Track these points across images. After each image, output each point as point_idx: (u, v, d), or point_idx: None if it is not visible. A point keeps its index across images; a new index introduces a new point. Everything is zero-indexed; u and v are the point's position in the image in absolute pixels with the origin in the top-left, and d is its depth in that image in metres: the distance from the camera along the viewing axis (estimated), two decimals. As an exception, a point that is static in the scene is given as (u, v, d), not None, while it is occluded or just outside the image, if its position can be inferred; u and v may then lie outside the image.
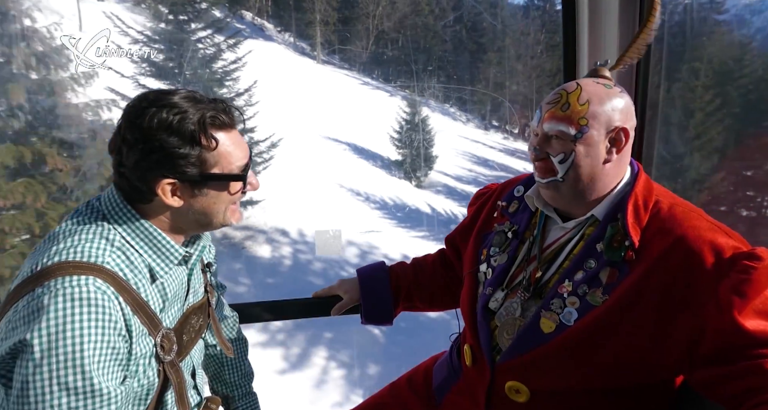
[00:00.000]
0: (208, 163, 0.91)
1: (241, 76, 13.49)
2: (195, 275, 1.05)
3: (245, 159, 0.96)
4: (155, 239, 0.91)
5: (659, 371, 0.96)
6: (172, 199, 0.90)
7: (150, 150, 0.86)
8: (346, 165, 19.69)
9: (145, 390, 0.90)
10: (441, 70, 31.65)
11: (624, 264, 0.95)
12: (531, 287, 1.05)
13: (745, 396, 0.83)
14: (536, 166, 1.04)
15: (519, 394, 1.03)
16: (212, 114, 0.90)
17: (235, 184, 0.95)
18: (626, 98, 1.02)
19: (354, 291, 1.44)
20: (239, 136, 0.97)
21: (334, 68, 32.22)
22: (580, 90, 0.99)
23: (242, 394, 1.30)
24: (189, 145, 0.88)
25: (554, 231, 1.10)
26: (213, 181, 0.92)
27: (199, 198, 0.93)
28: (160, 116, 0.86)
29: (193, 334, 1.03)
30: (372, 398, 1.40)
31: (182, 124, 0.87)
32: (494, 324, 1.08)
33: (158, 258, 0.92)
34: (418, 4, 32.74)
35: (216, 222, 0.97)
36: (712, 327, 0.86)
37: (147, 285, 0.89)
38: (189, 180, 0.90)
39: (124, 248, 0.88)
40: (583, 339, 0.95)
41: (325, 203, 16.51)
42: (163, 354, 0.90)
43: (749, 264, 0.85)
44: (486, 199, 1.31)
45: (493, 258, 1.15)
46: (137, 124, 0.86)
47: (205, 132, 0.89)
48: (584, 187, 1.01)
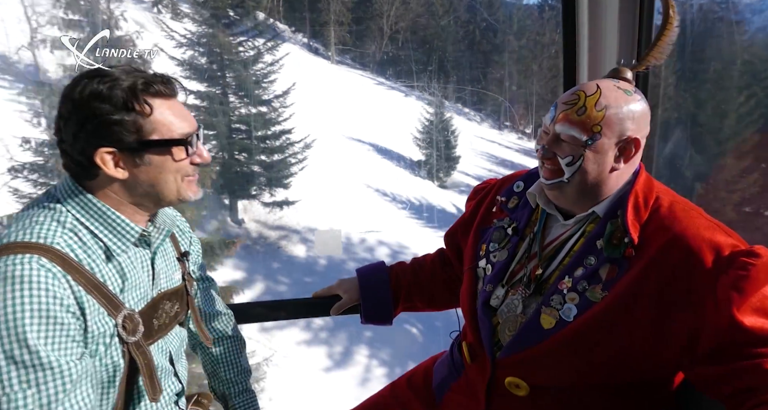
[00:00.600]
0: (144, 130, 0.90)
1: (278, 78, 13.68)
2: (162, 259, 1.05)
3: (189, 128, 0.95)
4: (108, 218, 0.91)
5: (658, 367, 0.97)
6: (116, 171, 0.90)
7: (84, 119, 0.86)
8: (370, 165, 19.89)
9: (111, 371, 0.91)
10: (454, 70, 31.79)
11: (623, 261, 0.95)
12: (531, 284, 1.06)
13: (745, 395, 0.84)
14: (543, 167, 1.04)
15: (519, 389, 1.04)
16: (145, 81, 0.90)
17: (179, 152, 0.93)
18: (644, 106, 1.00)
19: (353, 291, 1.44)
20: (181, 106, 0.96)
21: (349, 68, 32.38)
22: (599, 94, 0.98)
23: (239, 391, 1.29)
24: (122, 111, 0.87)
25: (555, 227, 1.10)
26: (152, 147, 0.91)
27: (143, 167, 0.92)
28: (91, 86, 0.87)
29: (167, 320, 1.03)
30: (372, 398, 1.40)
31: (112, 91, 0.87)
32: (496, 321, 1.09)
33: (114, 236, 0.92)
34: (431, 4, 32.88)
35: (169, 194, 0.95)
36: (711, 324, 0.87)
37: (102, 264, 0.90)
38: (127, 148, 0.89)
39: (77, 229, 0.89)
40: (582, 336, 0.95)
41: (354, 203, 16.70)
42: (126, 335, 0.90)
43: (747, 262, 0.85)
44: (485, 194, 1.30)
45: (493, 254, 1.15)
46: (70, 97, 0.87)
47: (137, 97, 0.88)
48: (589, 189, 1.01)
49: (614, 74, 1.06)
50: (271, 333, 11.34)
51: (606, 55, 1.50)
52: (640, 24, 1.44)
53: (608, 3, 1.43)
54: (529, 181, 1.18)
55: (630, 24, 1.43)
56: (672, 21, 1.07)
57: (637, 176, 1.03)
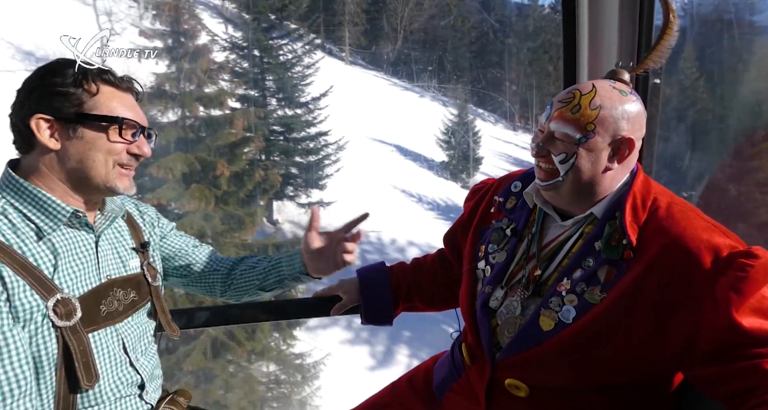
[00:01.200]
0: (85, 106, 0.94)
1: (314, 80, 13.85)
2: (109, 245, 1.06)
3: (132, 117, 0.98)
4: (38, 199, 0.94)
5: (657, 368, 0.97)
6: (49, 140, 0.93)
7: (32, 88, 0.93)
8: (395, 166, 20.04)
9: (42, 354, 0.91)
10: (467, 71, 31.94)
11: (622, 263, 0.95)
12: (530, 285, 1.06)
13: (745, 396, 0.84)
14: (538, 168, 1.05)
15: (518, 390, 1.05)
16: (101, 69, 0.95)
17: (113, 132, 0.96)
18: (639, 107, 1.01)
19: (354, 292, 1.42)
20: (133, 102, 1.01)
21: (363, 69, 32.51)
22: (594, 93, 0.99)
23: (285, 256, 1.30)
24: (70, 86, 0.92)
25: (553, 229, 1.10)
26: (88, 121, 0.94)
27: (75, 141, 0.94)
28: (53, 65, 0.95)
29: (120, 307, 1.03)
30: (372, 398, 1.39)
31: (66, 69, 0.93)
32: (495, 322, 1.09)
33: (45, 217, 0.94)
34: (445, 5, 33.02)
35: (96, 176, 0.97)
36: (709, 325, 0.87)
37: (33, 245, 0.92)
38: (64, 118, 0.93)
39: (7, 213, 0.92)
40: (581, 337, 0.95)
41: (382, 204, 16.85)
42: (57, 319, 0.90)
43: (746, 263, 0.85)
44: (483, 195, 1.30)
45: (491, 256, 1.15)
46: (31, 74, 0.95)
47: (86, 78, 0.93)
48: (583, 189, 1.01)
49: (611, 76, 1.07)
50: (315, 333, 11.51)
51: (606, 57, 1.50)
52: (640, 25, 1.44)
53: (608, 4, 1.44)
54: (527, 181, 1.18)
55: (630, 25, 1.43)
56: (672, 26, 1.07)
57: (635, 177, 1.03)
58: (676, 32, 1.07)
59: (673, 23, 1.07)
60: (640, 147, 1.03)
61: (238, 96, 12.78)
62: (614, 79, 1.05)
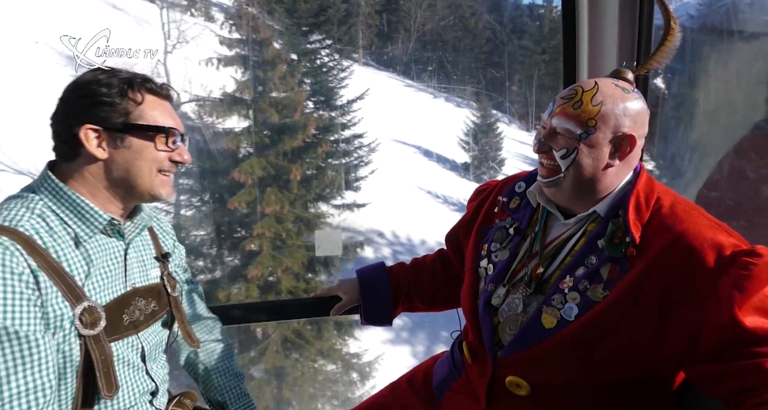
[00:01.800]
0: (132, 115, 0.95)
1: (350, 83, 14.01)
2: (136, 253, 1.07)
3: (174, 126, 1.01)
4: (77, 205, 0.94)
5: (659, 366, 0.97)
6: (97, 150, 0.94)
7: (78, 98, 0.94)
8: (418, 167, 20.10)
9: (65, 361, 0.90)
10: (481, 71, 32.03)
11: (625, 261, 0.95)
12: (532, 283, 1.06)
13: (746, 394, 0.84)
14: (541, 165, 1.06)
15: (519, 388, 1.04)
16: (144, 78, 0.98)
17: (160, 141, 0.98)
18: (641, 105, 1.01)
19: (353, 292, 1.44)
20: (171, 109, 1.03)
21: (376, 70, 32.60)
22: (596, 89, 0.99)
23: (235, 397, 1.26)
24: (116, 95, 0.94)
25: (556, 227, 1.10)
26: (136, 130, 0.95)
27: (122, 150, 0.95)
28: (95, 74, 0.96)
29: (142, 317, 1.03)
30: (372, 398, 1.40)
31: (111, 79, 0.95)
32: (497, 320, 1.09)
33: (82, 223, 0.94)
34: (458, 6, 33.11)
35: (142, 184, 0.98)
36: (712, 324, 0.87)
37: (69, 250, 0.92)
38: (113, 128, 0.94)
39: (45, 216, 0.91)
40: (583, 335, 0.95)
41: (409, 205, 16.99)
42: (82, 327, 0.90)
43: (749, 261, 0.85)
44: (486, 195, 1.30)
45: (494, 254, 1.15)
46: (74, 81, 0.96)
47: (132, 87, 0.96)
48: (584, 185, 1.01)
49: (615, 74, 1.07)
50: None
51: (606, 58, 1.50)
52: (639, 26, 1.44)
53: (608, 5, 1.45)
54: (531, 182, 1.18)
55: (629, 26, 1.44)
56: (674, 28, 1.07)
57: (638, 176, 1.03)
58: (678, 33, 1.07)
59: (674, 29, 1.07)
60: (642, 145, 1.03)
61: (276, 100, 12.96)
62: (618, 77, 1.06)
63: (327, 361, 8.72)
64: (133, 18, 20.45)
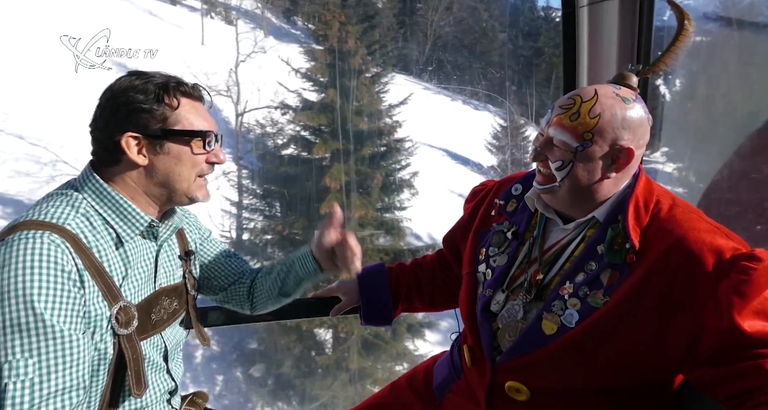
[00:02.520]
0: (169, 121, 0.96)
1: (391, 88, 14.20)
2: (166, 254, 1.08)
3: (209, 128, 1.01)
4: (120, 206, 0.95)
5: (659, 371, 0.97)
6: (138, 156, 0.95)
7: (118, 106, 0.94)
8: (448, 171, 20.31)
9: (99, 360, 0.92)
10: (497, 72, 32.16)
11: (624, 266, 0.95)
12: (532, 289, 1.05)
13: (745, 396, 0.85)
14: (537, 172, 1.05)
15: (519, 393, 1.04)
16: (177, 81, 0.99)
17: (197, 145, 0.99)
18: (642, 115, 0.99)
19: (353, 293, 1.43)
20: (205, 110, 1.04)
21: (393, 73, 32.70)
22: (596, 100, 0.97)
23: (285, 263, 1.27)
24: (153, 102, 0.95)
25: (555, 232, 1.09)
26: (174, 136, 0.97)
27: (162, 156, 0.97)
28: (129, 80, 0.96)
29: (165, 316, 1.05)
30: (372, 398, 1.40)
31: (147, 85, 0.95)
32: (496, 326, 1.08)
33: (124, 224, 0.96)
34: (474, 8, 33.26)
35: (180, 189, 1.00)
36: (712, 328, 0.87)
37: (111, 251, 0.94)
38: (152, 135, 0.95)
39: (89, 215, 0.93)
40: (584, 341, 0.95)
41: (444, 208, 17.14)
42: (118, 327, 0.92)
43: (749, 266, 0.85)
44: (483, 197, 1.29)
45: (492, 259, 1.15)
46: (110, 88, 0.96)
47: (168, 92, 0.96)
48: (581, 195, 1.01)
49: (619, 79, 1.05)
50: (404, 336, 11.84)
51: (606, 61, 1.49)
52: (639, 29, 1.43)
53: (608, 8, 1.44)
54: (527, 184, 1.18)
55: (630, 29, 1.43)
56: (687, 28, 1.04)
57: (637, 180, 1.02)
58: (691, 33, 1.05)
59: (689, 25, 1.05)
60: (642, 154, 1.02)
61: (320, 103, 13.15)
62: (620, 83, 1.04)
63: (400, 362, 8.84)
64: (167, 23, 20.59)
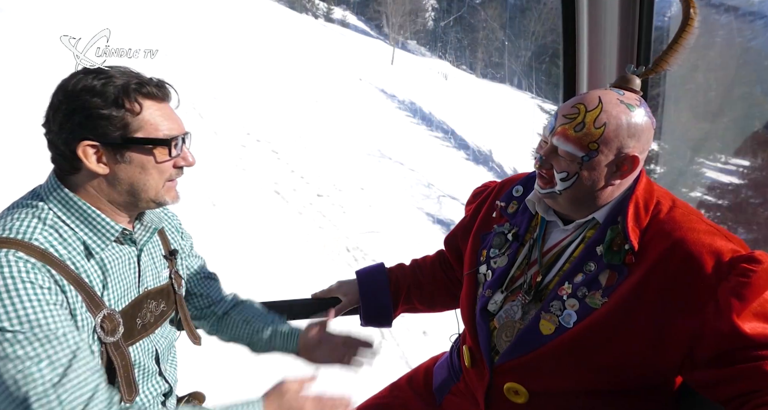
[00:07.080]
0: (131, 127, 0.90)
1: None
2: (149, 257, 1.04)
3: (176, 131, 0.94)
4: (88, 215, 0.91)
5: (658, 372, 0.96)
6: (97, 166, 0.89)
7: (73, 111, 0.87)
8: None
9: None
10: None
11: (623, 267, 0.94)
12: (532, 291, 1.04)
13: (745, 397, 0.83)
14: (539, 176, 1.03)
15: (518, 395, 1.03)
16: (138, 81, 0.90)
17: (161, 153, 0.93)
18: (646, 120, 0.97)
19: (353, 294, 1.41)
20: (171, 110, 0.97)
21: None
22: (600, 109, 0.95)
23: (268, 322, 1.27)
24: (112, 107, 0.88)
25: (555, 233, 1.08)
26: (135, 144, 0.90)
27: (123, 165, 0.91)
28: (86, 80, 0.88)
29: (152, 319, 1.02)
30: (373, 398, 1.38)
31: (106, 87, 0.87)
32: (493, 326, 1.08)
33: (93, 234, 0.91)
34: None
35: (146, 196, 0.95)
36: (711, 330, 0.86)
37: (83, 261, 0.89)
38: (111, 143, 0.89)
39: (57, 226, 0.88)
40: (582, 342, 0.94)
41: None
42: (104, 335, 0.90)
43: (748, 268, 0.84)
44: (484, 198, 1.28)
45: (493, 260, 1.14)
46: (64, 88, 0.88)
47: (128, 95, 0.89)
48: (581, 201, 1.00)
49: (621, 83, 1.03)
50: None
51: (606, 60, 1.48)
52: (639, 28, 1.42)
53: (608, 8, 1.42)
54: (528, 185, 1.18)
55: (629, 28, 1.42)
56: (692, 23, 1.00)
57: (637, 181, 1.01)
58: (696, 29, 1.01)
59: (694, 20, 1.01)
60: (645, 158, 1.00)
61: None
62: (623, 87, 1.02)
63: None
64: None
